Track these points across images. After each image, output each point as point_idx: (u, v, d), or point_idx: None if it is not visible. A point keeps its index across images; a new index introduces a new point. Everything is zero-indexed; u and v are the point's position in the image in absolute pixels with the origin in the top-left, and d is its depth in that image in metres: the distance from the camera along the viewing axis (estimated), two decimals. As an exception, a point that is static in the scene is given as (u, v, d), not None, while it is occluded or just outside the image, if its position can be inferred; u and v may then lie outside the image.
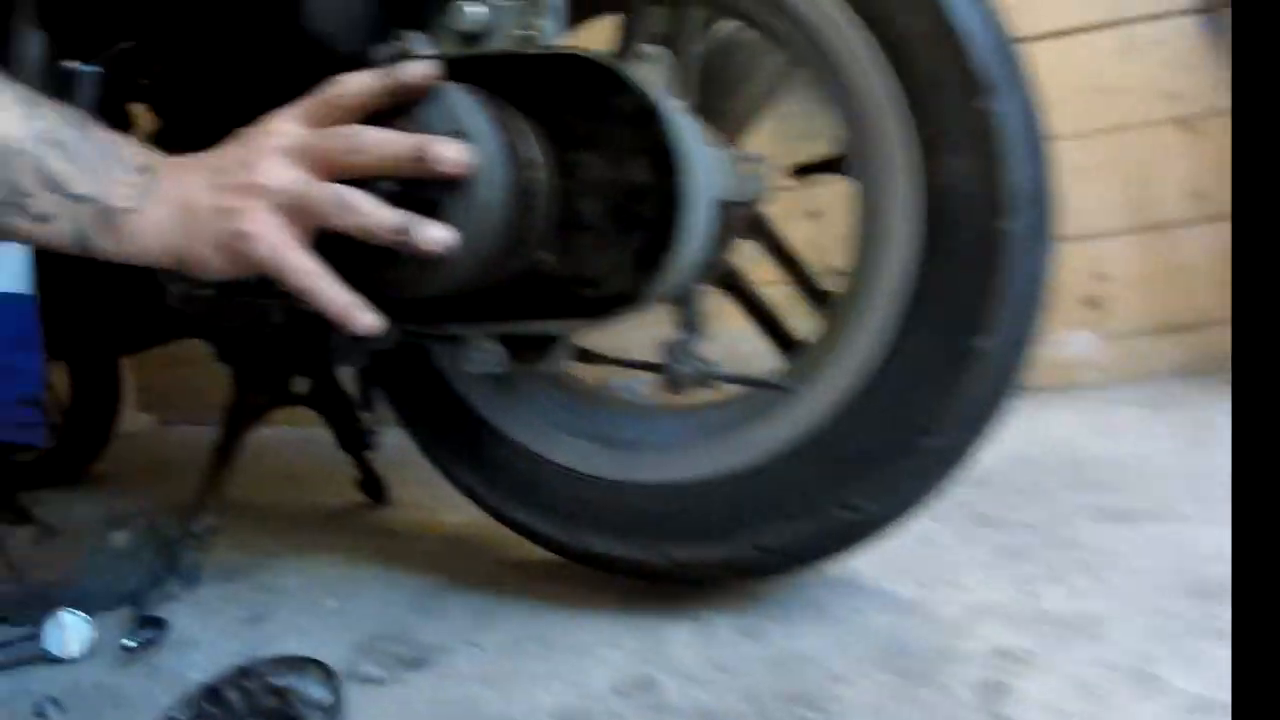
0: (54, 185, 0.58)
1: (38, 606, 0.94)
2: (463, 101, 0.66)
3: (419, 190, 0.64)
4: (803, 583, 0.88)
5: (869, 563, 0.88)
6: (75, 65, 0.89)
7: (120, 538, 0.98)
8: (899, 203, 0.77)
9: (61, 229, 0.60)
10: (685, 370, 0.75)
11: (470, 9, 0.72)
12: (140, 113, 1.03)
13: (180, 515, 1.04)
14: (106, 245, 0.61)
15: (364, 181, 0.63)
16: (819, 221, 1.52)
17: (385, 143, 0.62)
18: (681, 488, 0.83)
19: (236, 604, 0.97)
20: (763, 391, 0.82)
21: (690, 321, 0.77)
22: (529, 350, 0.74)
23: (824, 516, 0.78)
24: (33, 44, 1.01)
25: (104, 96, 0.90)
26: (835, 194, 1.47)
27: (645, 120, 0.70)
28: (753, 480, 0.81)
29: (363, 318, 0.63)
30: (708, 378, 0.75)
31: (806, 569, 0.85)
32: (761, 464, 0.81)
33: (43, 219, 0.59)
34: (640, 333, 0.80)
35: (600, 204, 0.73)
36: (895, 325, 0.77)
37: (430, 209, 0.64)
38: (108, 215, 0.60)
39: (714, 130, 0.90)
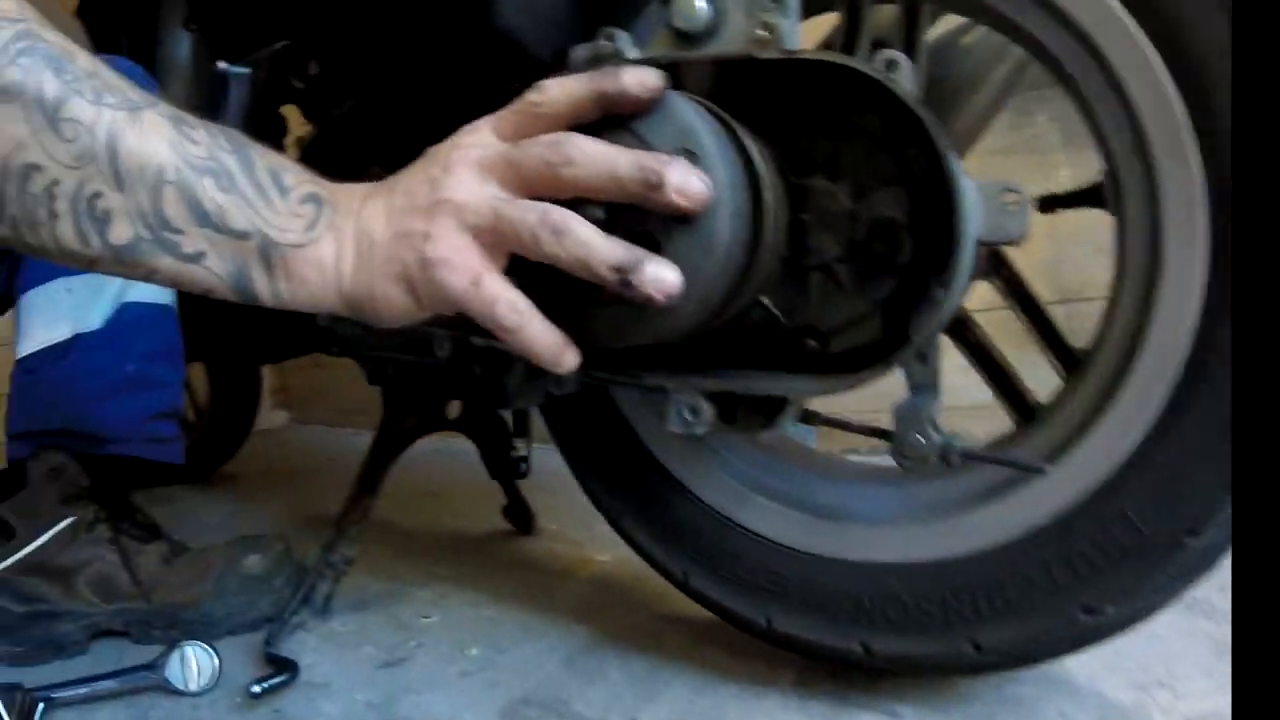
0: (208, 218, 0.48)
1: (162, 626, 0.89)
2: (694, 115, 0.53)
3: (634, 220, 0.51)
4: (1003, 675, 0.75)
5: (1077, 654, 0.73)
6: (226, 67, 0.80)
7: (253, 562, 0.90)
8: (1181, 246, 0.62)
9: (216, 270, 0.49)
10: (920, 442, 0.62)
11: (700, 3, 0.59)
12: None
13: (316, 538, 0.95)
14: (269, 289, 0.50)
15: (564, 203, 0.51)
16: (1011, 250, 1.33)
17: (605, 158, 0.49)
18: (890, 570, 0.70)
19: (370, 642, 0.87)
20: (999, 467, 0.68)
21: (928, 381, 0.63)
22: (745, 413, 0.61)
23: (1057, 617, 0.65)
24: (184, 44, 0.94)
25: (255, 100, 0.82)
26: (1033, 217, 1.30)
27: (913, 144, 0.56)
28: (976, 569, 0.67)
29: (569, 355, 0.51)
30: (948, 453, 0.61)
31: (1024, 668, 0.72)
32: (989, 551, 0.67)
33: (194, 258, 0.49)
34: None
35: (839, 241, 0.60)
36: (1168, 396, 0.62)
37: (645, 242, 0.52)
38: (271, 253, 0.49)
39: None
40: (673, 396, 0.62)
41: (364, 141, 0.81)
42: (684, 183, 0.48)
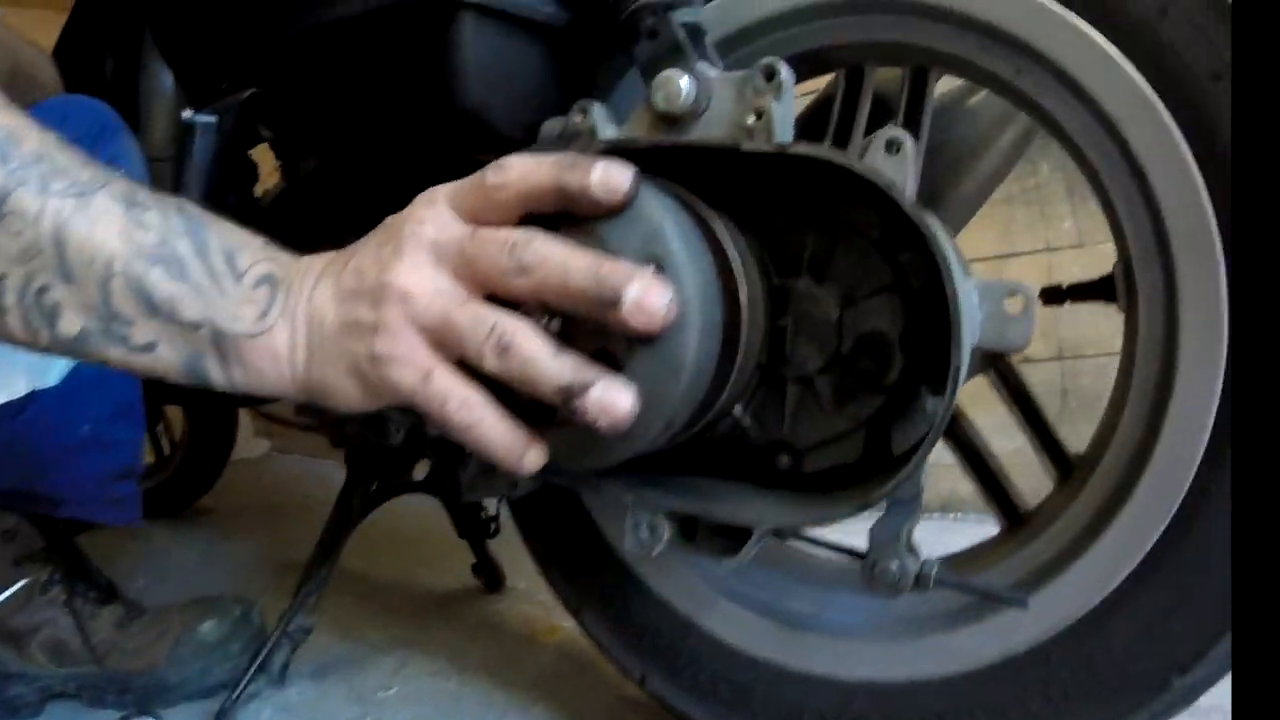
0: (157, 310, 0.44)
1: (115, 691, 0.82)
2: (663, 216, 0.44)
3: (597, 334, 0.43)
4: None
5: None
6: (191, 115, 0.72)
7: (209, 628, 0.83)
8: (1199, 356, 0.54)
9: (168, 359, 0.45)
10: (894, 569, 0.53)
11: (684, 83, 0.50)
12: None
13: (284, 587, 0.87)
14: (223, 377, 0.46)
15: (517, 304, 0.43)
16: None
17: (561, 268, 0.41)
18: (858, 688, 0.62)
19: (326, 716, 0.80)
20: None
21: (908, 496, 0.54)
22: (707, 535, 0.53)
23: (1028, 751, 0.58)
24: (167, 74, 0.86)
25: (223, 147, 0.74)
26: (1032, 269, 1.21)
27: (909, 249, 0.47)
28: (946, 693, 0.60)
29: (531, 456, 0.44)
30: (921, 581, 0.52)
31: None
32: (960, 676, 0.60)
33: (145, 348, 0.45)
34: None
35: (822, 353, 0.52)
36: (1168, 523, 0.55)
37: (608, 358, 0.43)
38: (224, 342, 0.45)
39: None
40: (631, 512, 0.53)
41: (329, 200, 0.73)
42: (643, 300, 0.40)
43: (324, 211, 0.73)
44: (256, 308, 0.45)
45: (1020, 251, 1.17)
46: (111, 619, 0.82)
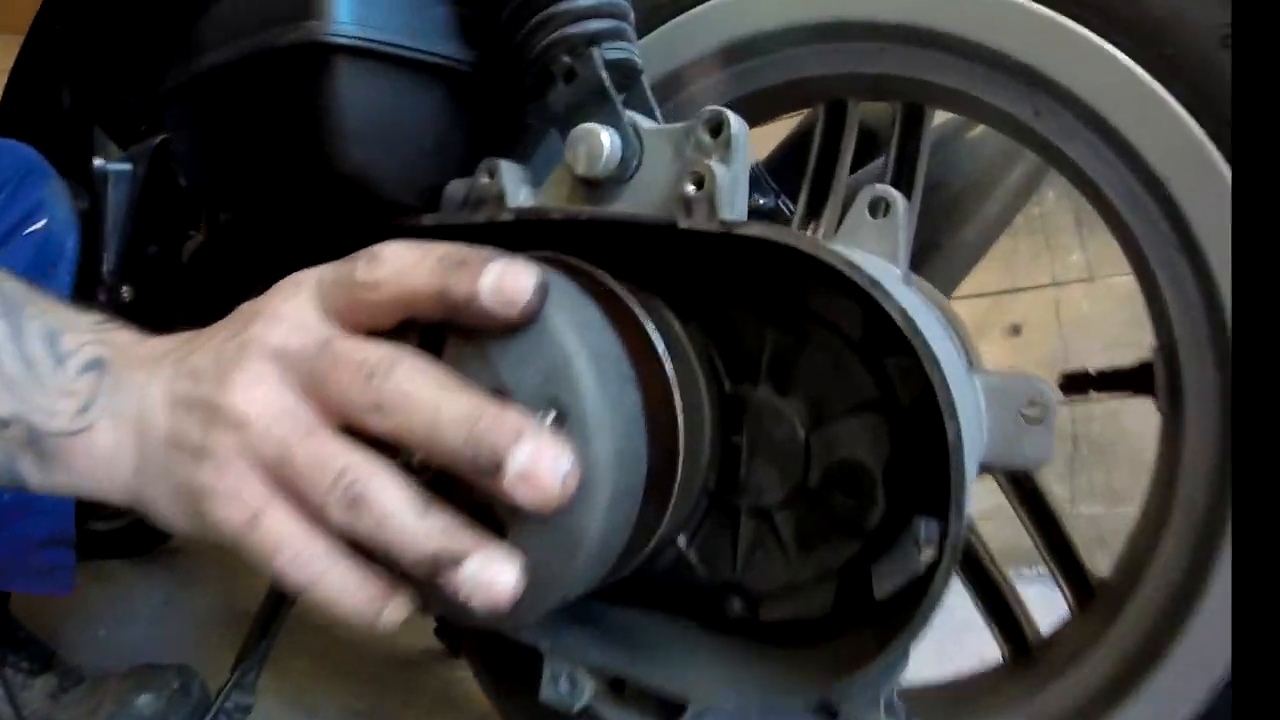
0: None
1: None
2: (575, 339, 0.29)
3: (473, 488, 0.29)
4: None
5: None
6: (103, 164, 0.61)
7: (145, 701, 0.70)
8: None
9: None
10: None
11: (607, 139, 0.36)
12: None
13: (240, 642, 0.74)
14: (43, 480, 0.36)
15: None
16: (1019, 340, 1.04)
17: (428, 414, 0.29)
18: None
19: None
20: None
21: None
22: (636, 695, 0.39)
23: None
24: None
25: (142, 194, 0.62)
26: (1037, 305, 1.05)
27: (898, 355, 0.33)
28: None
29: (389, 614, 0.31)
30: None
31: None
32: None
33: None
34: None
35: (784, 483, 0.37)
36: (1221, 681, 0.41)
37: (484, 512, 0.30)
38: (40, 442, 0.35)
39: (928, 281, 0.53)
40: (548, 661, 0.39)
41: (247, 253, 0.59)
42: (532, 471, 0.27)
43: (241, 268, 0.60)
44: (76, 401, 0.34)
45: (1024, 286, 1.01)
46: (45, 689, 0.71)
